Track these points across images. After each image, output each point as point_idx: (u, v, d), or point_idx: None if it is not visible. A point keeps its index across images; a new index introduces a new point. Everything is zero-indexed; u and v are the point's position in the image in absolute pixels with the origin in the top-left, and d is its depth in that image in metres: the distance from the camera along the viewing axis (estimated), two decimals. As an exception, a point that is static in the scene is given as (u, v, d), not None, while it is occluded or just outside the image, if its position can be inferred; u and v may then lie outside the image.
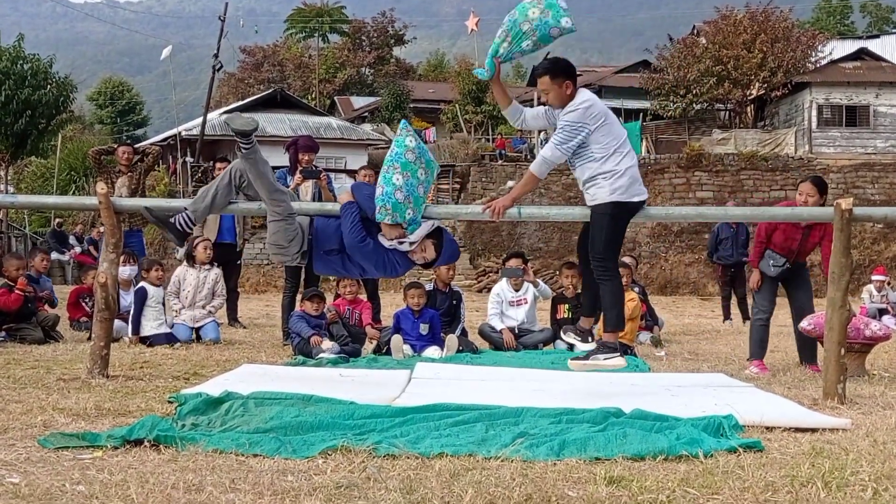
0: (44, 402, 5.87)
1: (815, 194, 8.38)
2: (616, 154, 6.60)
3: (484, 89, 49.80)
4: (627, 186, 6.60)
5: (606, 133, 6.61)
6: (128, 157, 12.92)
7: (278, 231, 7.05)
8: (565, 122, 6.64)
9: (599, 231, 6.74)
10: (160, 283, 10.70)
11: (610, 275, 6.80)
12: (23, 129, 32.86)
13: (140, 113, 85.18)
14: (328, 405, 5.87)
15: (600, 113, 6.65)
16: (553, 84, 6.78)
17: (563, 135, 6.62)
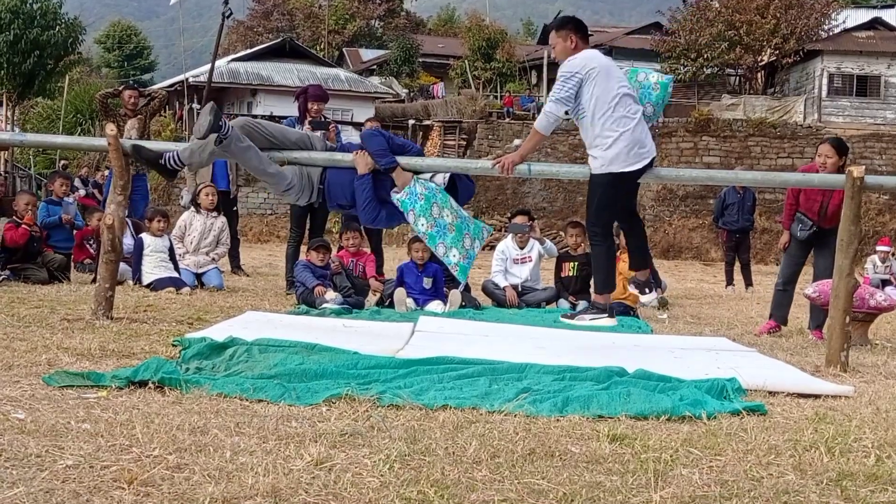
0: (48, 340, 5.87)
1: (834, 155, 8.35)
2: (609, 116, 6.57)
3: (494, 46, 49.59)
4: (625, 154, 6.58)
5: (601, 90, 6.59)
6: (133, 100, 12.86)
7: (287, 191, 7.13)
8: (559, 73, 6.72)
9: (592, 198, 6.86)
10: (161, 233, 10.65)
11: (600, 240, 6.90)
12: (30, 70, 32.77)
13: (147, 58, 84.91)
14: (332, 354, 5.87)
15: (595, 67, 6.64)
16: (558, 37, 6.87)
17: (556, 86, 6.71)
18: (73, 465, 3.19)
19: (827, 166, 8.31)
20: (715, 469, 3.61)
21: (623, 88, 6.72)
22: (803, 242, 8.95)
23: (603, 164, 6.63)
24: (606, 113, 6.59)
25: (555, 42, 6.93)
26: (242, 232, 24.18)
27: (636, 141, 6.65)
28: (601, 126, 6.59)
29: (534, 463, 3.58)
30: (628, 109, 6.66)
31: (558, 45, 6.89)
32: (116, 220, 7.31)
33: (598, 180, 6.71)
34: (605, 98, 6.61)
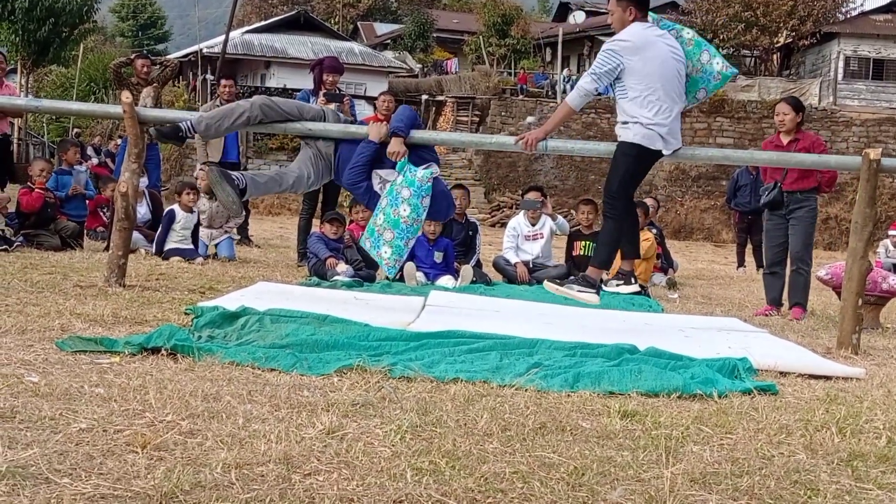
0: (61, 306, 5.89)
1: (791, 111, 8.91)
2: (652, 103, 6.45)
3: (509, 22, 49.41)
4: (656, 137, 6.50)
5: (645, 74, 6.44)
6: (146, 69, 12.84)
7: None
8: (601, 51, 6.58)
9: (617, 168, 6.66)
10: (191, 206, 10.63)
11: (616, 213, 6.73)
12: (45, 37, 32.78)
13: (161, 28, 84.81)
14: (343, 326, 5.89)
15: (638, 48, 6.48)
16: (618, 6, 6.69)
17: (598, 63, 6.56)
18: (87, 428, 3.21)
19: (785, 122, 8.88)
20: (726, 447, 3.62)
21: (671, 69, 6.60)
22: (778, 220, 8.95)
23: (636, 136, 6.53)
24: (657, 99, 6.49)
25: (613, 9, 6.75)
26: (254, 204, 24.21)
27: (673, 132, 6.59)
28: (646, 110, 6.48)
29: (545, 437, 3.59)
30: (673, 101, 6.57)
31: (616, 13, 6.72)
32: (130, 188, 7.32)
33: (626, 150, 6.57)
34: (654, 86, 6.50)
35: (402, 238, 6.79)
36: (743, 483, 3.12)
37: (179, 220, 10.45)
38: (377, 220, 6.80)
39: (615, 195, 6.70)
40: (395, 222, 6.73)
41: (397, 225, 6.73)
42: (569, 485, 3.00)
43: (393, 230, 6.74)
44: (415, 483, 2.89)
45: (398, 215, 6.73)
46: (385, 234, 6.76)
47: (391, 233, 6.75)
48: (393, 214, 6.73)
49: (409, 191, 6.74)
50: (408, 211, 6.74)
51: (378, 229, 6.78)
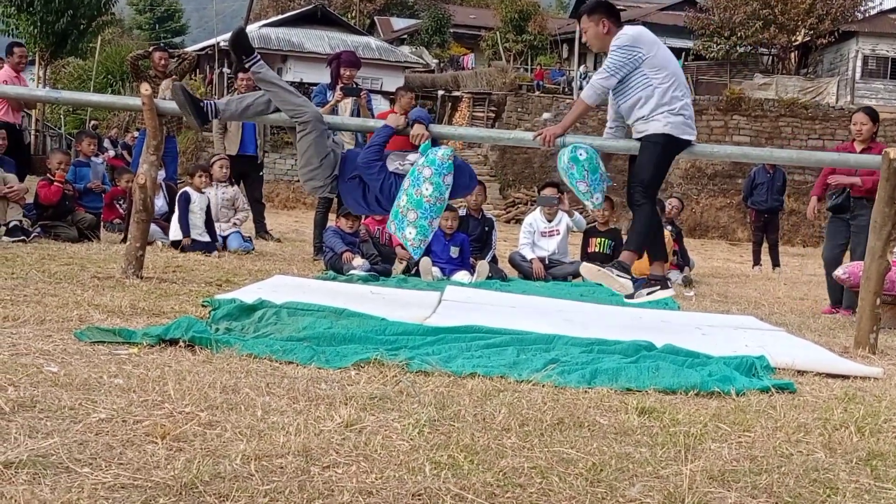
0: (79, 297, 5.91)
1: (868, 122, 8.89)
2: (673, 88, 6.47)
3: (526, 18, 49.37)
4: (682, 124, 6.51)
5: (660, 63, 6.48)
6: (163, 62, 12.89)
7: (310, 146, 7.02)
8: (616, 47, 6.52)
9: (648, 159, 6.59)
10: (204, 187, 10.71)
11: (650, 201, 6.71)
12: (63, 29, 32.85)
13: (179, 20, 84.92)
14: (360, 319, 5.90)
15: (651, 41, 6.53)
16: (590, 21, 6.67)
17: (615, 58, 6.49)
18: (107, 418, 3.22)
19: (863, 132, 8.84)
20: (744, 445, 3.61)
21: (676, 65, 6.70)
22: (841, 224, 8.98)
23: (666, 125, 6.51)
24: (674, 85, 6.50)
25: (586, 26, 6.75)
26: (269, 198, 24.23)
27: (690, 118, 6.60)
28: (669, 96, 6.47)
29: (563, 432, 3.58)
30: (684, 87, 6.61)
31: (590, 29, 6.71)
32: (149, 180, 7.34)
33: (656, 139, 6.53)
34: (670, 74, 6.52)
35: (426, 218, 6.80)
36: (762, 481, 3.11)
37: (195, 200, 10.51)
38: (400, 201, 6.79)
39: (648, 184, 6.64)
40: (419, 202, 6.73)
41: (420, 205, 6.73)
42: (587, 480, 3.00)
43: (416, 210, 6.74)
44: (433, 477, 2.90)
45: (420, 195, 6.73)
46: (409, 214, 6.76)
47: (414, 213, 6.75)
48: (416, 195, 6.73)
49: (431, 170, 6.75)
50: (430, 189, 6.75)
51: (402, 210, 6.78)
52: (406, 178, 6.82)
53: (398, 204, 6.81)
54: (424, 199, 6.74)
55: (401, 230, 6.82)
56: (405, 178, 6.83)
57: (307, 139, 7.03)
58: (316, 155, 7.03)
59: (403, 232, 6.81)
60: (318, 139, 7.04)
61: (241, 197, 11.70)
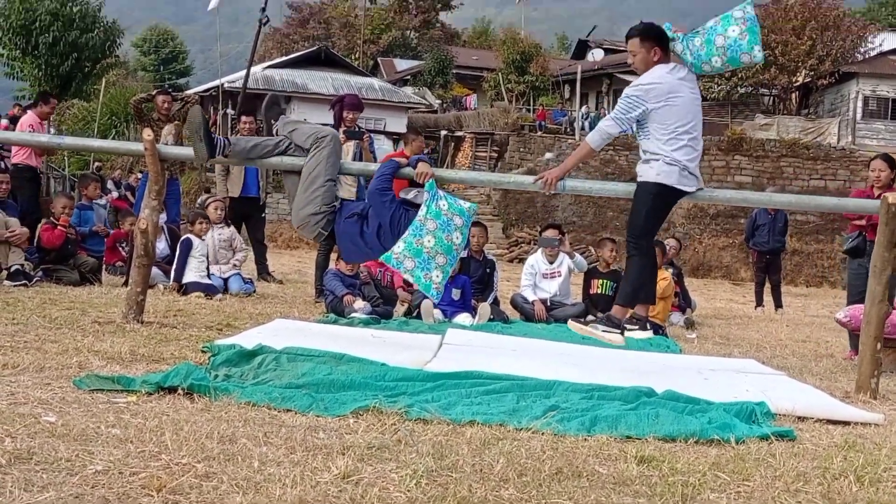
0: (79, 343, 5.92)
1: (886, 168, 8.89)
2: (675, 140, 6.50)
3: (528, 59, 49.59)
4: (678, 175, 6.53)
5: (668, 115, 6.50)
6: (167, 105, 12.94)
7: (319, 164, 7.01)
8: (625, 94, 6.60)
9: (640, 207, 6.69)
10: (204, 234, 10.76)
11: (641, 252, 6.75)
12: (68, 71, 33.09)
13: (183, 62, 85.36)
14: (360, 365, 5.88)
15: (663, 93, 6.53)
16: (642, 48, 6.71)
17: (621, 106, 6.60)
18: (103, 470, 3.22)
19: (881, 179, 8.83)
20: (743, 495, 3.60)
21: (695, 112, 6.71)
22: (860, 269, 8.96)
23: (658, 174, 6.56)
24: (678, 137, 6.52)
25: (637, 50, 6.76)
26: (272, 238, 24.26)
27: (692, 170, 6.62)
28: (669, 148, 6.51)
29: (561, 483, 3.57)
30: (692, 137, 6.61)
31: (640, 54, 6.73)
32: (150, 225, 7.36)
33: (648, 189, 6.62)
34: (677, 126, 6.55)
35: (450, 265, 6.87)
36: (760, 533, 3.10)
37: (196, 246, 10.54)
38: (424, 241, 6.77)
39: (639, 234, 6.72)
40: (448, 248, 6.76)
41: (450, 251, 6.78)
42: (584, 533, 2.99)
43: (446, 255, 6.78)
44: (430, 530, 2.89)
45: (451, 241, 6.77)
46: (438, 258, 6.76)
47: (444, 258, 6.77)
48: (446, 240, 6.74)
49: (462, 219, 6.82)
50: (459, 239, 6.83)
51: (427, 251, 6.75)
52: (430, 221, 6.80)
53: (421, 244, 6.76)
54: (454, 247, 6.79)
55: (426, 270, 6.77)
56: (430, 219, 6.81)
57: (320, 155, 7.03)
58: (324, 174, 7.02)
59: (430, 273, 6.78)
60: (332, 157, 7.06)
61: (237, 237, 11.71)
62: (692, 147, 6.62)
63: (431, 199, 6.84)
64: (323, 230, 7.10)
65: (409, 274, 6.85)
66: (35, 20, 32.06)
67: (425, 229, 6.75)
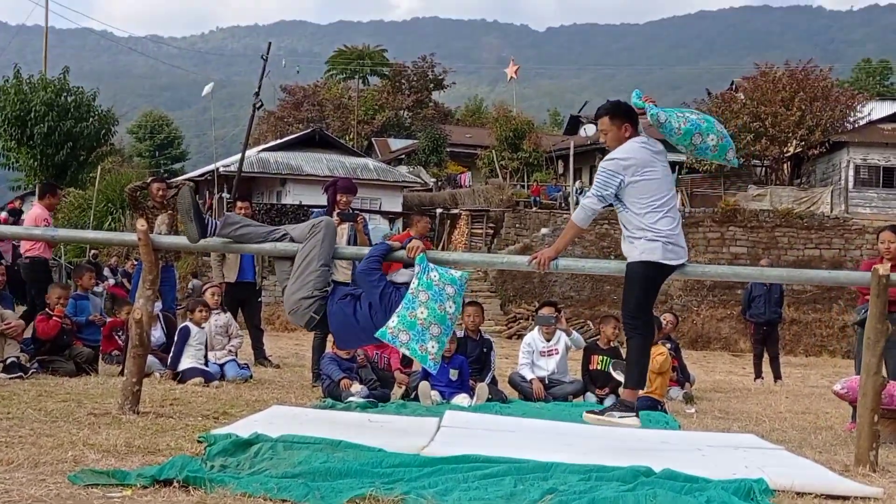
0: (74, 436, 5.90)
1: None
2: (654, 213, 6.60)
3: (521, 136, 50.01)
4: (662, 249, 6.60)
5: (645, 188, 6.62)
6: (161, 192, 12.98)
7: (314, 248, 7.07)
8: (600, 169, 6.72)
9: (631, 288, 6.78)
10: (203, 323, 10.77)
11: (639, 331, 6.81)
12: (63, 161, 33.30)
13: (179, 147, 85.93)
14: (357, 451, 5.86)
15: (638, 166, 6.65)
16: (612, 125, 6.84)
17: (599, 181, 6.70)
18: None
19: (892, 250, 8.83)
20: (741, 576, 3.57)
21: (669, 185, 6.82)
22: None
23: (643, 253, 6.63)
24: (657, 209, 6.61)
25: (607, 129, 6.89)
26: (270, 320, 24.23)
27: (676, 242, 6.69)
28: (649, 221, 6.60)
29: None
30: (671, 208, 6.70)
31: (611, 132, 6.86)
32: (145, 315, 7.37)
33: (635, 267, 6.71)
34: (654, 199, 6.64)
35: (446, 335, 6.88)
36: None
37: (195, 334, 10.54)
38: (418, 313, 6.78)
39: (634, 314, 6.79)
40: (442, 318, 6.78)
41: (444, 321, 6.80)
42: None
43: (440, 325, 6.79)
44: None
45: (444, 311, 6.79)
46: (432, 328, 6.76)
47: (438, 328, 6.79)
48: (439, 310, 6.77)
49: (453, 288, 6.86)
50: (453, 308, 6.85)
51: (421, 323, 6.76)
52: (422, 292, 6.83)
53: (415, 316, 6.77)
54: (448, 317, 6.82)
55: (421, 342, 6.77)
56: (421, 290, 6.84)
57: (314, 240, 7.09)
58: (318, 258, 7.07)
59: (425, 345, 6.78)
60: (326, 241, 7.11)
61: (233, 323, 11.72)
62: (672, 217, 6.70)
63: (423, 271, 6.89)
64: (315, 314, 7.09)
65: (405, 347, 6.84)
66: (30, 110, 32.35)
67: (418, 301, 6.78)
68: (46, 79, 34.22)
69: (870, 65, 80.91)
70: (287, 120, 65.33)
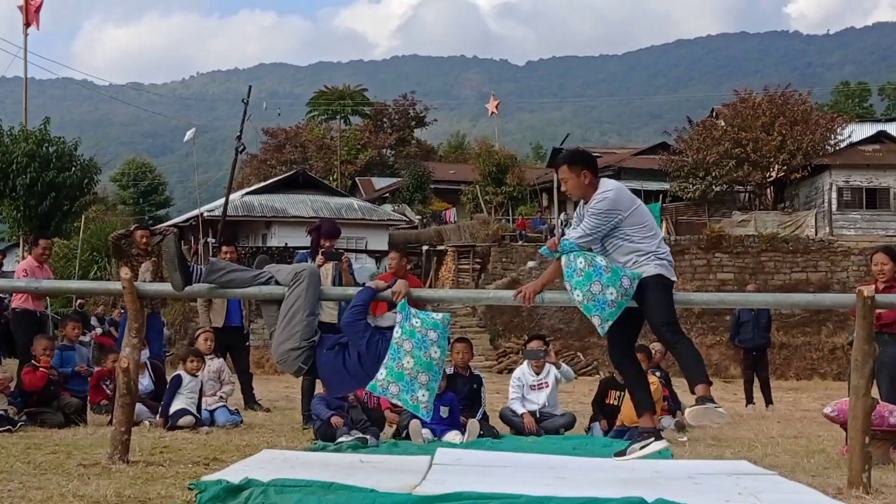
0: (64, 488, 5.85)
1: (889, 262, 8.97)
2: (652, 237, 6.85)
3: (504, 171, 50.21)
4: (667, 266, 6.86)
5: (640, 218, 6.80)
6: (145, 239, 12.94)
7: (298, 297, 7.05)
8: (597, 209, 6.77)
9: (657, 300, 6.90)
10: (196, 372, 10.72)
11: (679, 336, 7.02)
12: (47, 211, 33.23)
13: (163, 193, 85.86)
14: (348, 493, 5.83)
15: (630, 198, 6.82)
16: (571, 172, 6.95)
17: (593, 221, 6.77)
18: None
19: (885, 272, 8.94)
20: None
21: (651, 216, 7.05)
22: None
23: (657, 267, 6.84)
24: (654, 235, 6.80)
25: (567, 176, 7.01)
26: (259, 364, 24.15)
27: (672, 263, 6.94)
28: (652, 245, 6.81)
29: None
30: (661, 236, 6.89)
31: (571, 180, 6.98)
32: (131, 363, 7.34)
33: (654, 280, 6.86)
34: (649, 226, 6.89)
35: (435, 380, 6.91)
36: None
37: (187, 383, 10.50)
38: (404, 363, 6.78)
39: (670, 321, 6.98)
40: (429, 364, 6.81)
41: (430, 367, 6.83)
42: None
43: (427, 372, 6.82)
44: None
45: (430, 357, 6.82)
46: (420, 377, 6.79)
47: (426, 375, 6.81)
48: (424, 357, 6.79)
49: (436, 333, 6.89)
50: (438, 353, 6.87)
51: (409, 373, 6.76)
52: (406, 341, 6.84)
53: (402, 366, 6.78)
54: (434, 363, 6.84)
55: (411, 392, 6.79)
56: (405, 339, 6.84)
57: (298, 290, 7.07)
58: (303, 308, 7.05)
59: (415, 394, 6.79)
60: (311, 290, 7.09)
61: (226, 369, 11.70)
62: (663, 240, 6.90)
63: (404, 318, 6.90)
64: (303, 365, 7.10)
65: (397, 399, 6.88)
66: (12, 162, 32.33)
67: (403, 351, 6.79)
68: (27, 130, 34.23)
69: (848, 87, 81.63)
70: (270, 162, 65.49)
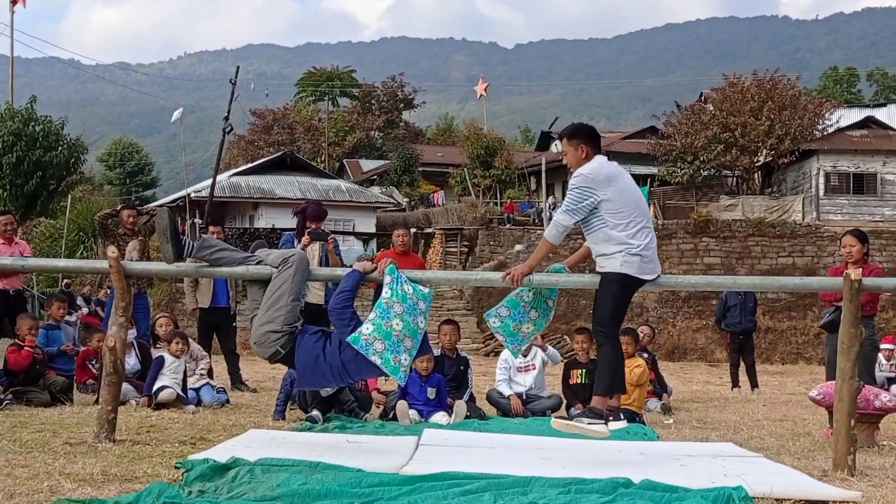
0: (50, 466, 5.85)
1: (857, 244, 8.97)
2: (631, 225, 6.68)
3: (492, 154, 50.12)
4: (639, 264, 6.68)
5: (618, 201, 6.70)
6: (132, 219, 12.85)
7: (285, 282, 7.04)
8: (571, 186, 6.78)
9: (605, 298, 6.83)
10: (180, 354, 10.64)
11: (611, 339, 6.89)
12: (33, 190, 33.15)
13: (149, 174, 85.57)
14: (335, 472, 5.84)
15: (606, 179, 6.74)
16: (570, 146, 6.94)
17: (572, 198, 6.75)
18: None
19: (853, 254, 8.93)
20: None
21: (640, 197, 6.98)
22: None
23: (623, 265, 6.71)
24: (633, 222, 6.69)
25: (566, 150, 7.00)
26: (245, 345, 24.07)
27: (651, 257, 6.80)
28: (626, 236, 6.68)
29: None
30: (645, 223, 6.78)
31: (570, 153, 6.96)
32: (118, 342, 7.33)
33: (612, 278, 6.78)
34: (629, 211, 6.72)
35: (415, 349, 6.92)
36: None
37: (169, 364, 10.42)
38: (393, 324, 6.78)
39: (607, 322, 6.85)
40: (415, 332, 6.86)
41: (416, 335, 6.87)
42: None
43: (412, 339, 6.86)
44: None
45: (417, 325, 6.87)
46: (405, 341, 6.82)
47: (411, 341, 6.86)
48: (412, 323, 6.84)
49: (425, 304, 6.94)
50: (423, 323, 6.92)
51: (397, 334, 6.77)
52: (397, 304, 6.84)
53: (391, 326, 6.78)
54: (419, 332, 6.89)
55: (395, 353, 6.79)
56: (396, 302, 6.85)
57: (285, 274, 7.05)
58: (288, 292, 7.04)
59: (398, 356, 6.80)
60: (298, 275, 7.07)
61: (194, 346, 11.56)
62: (649, 229, 6.82)
63: (395, 281, 6.92)
64: (281, 349, 7.05)
65: (378, 356, 6.80)
66: (-3, 141, 32.28)
67: (393, 312, 6.80)
68: (13, 109, 34.09)
69: (836, 72, 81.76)
70: (258, 143, 65.29)
